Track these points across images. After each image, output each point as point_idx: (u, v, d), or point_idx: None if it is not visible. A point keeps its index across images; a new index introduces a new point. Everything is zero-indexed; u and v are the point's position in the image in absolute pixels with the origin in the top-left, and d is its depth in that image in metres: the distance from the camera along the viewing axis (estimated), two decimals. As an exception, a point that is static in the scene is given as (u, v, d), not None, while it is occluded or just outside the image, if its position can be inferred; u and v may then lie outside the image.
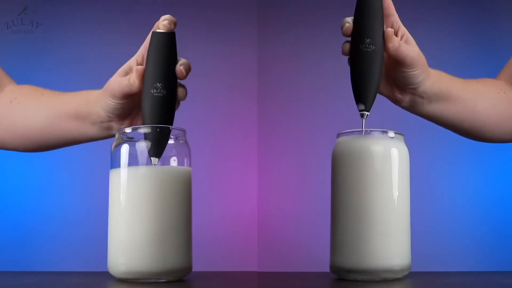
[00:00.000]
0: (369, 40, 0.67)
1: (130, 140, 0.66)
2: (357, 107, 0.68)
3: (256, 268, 1.24)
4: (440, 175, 1.29)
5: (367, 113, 0.68)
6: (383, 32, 0.68)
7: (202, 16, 1.30)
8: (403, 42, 0.68)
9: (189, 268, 0.66)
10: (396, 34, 0.69)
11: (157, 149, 0.65)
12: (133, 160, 0.64)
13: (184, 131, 0.68)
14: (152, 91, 0.66)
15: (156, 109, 0.66)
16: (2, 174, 1.26)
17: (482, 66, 1.27)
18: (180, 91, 0.68)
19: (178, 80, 0.68)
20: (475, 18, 1.31)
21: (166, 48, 0.67)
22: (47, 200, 1.26)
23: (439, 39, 1.29)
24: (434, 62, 0.74)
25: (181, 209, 0.65)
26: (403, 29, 0.69)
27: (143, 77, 0.66)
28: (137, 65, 0.69)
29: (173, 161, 0.66)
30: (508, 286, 0.65)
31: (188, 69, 0.67)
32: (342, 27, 0.69)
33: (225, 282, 0.72)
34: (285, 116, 1.31)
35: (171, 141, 0.67)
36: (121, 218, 0.63)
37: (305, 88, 1.32)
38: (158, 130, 0.65)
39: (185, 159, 0.67)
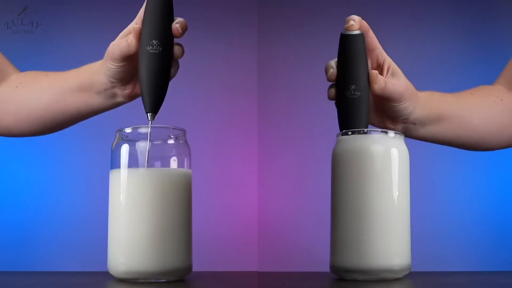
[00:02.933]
0: (354, 86, 0.68)
1: (130, 140, 0.66)
2: None
3: (256, 268, 1.24)
4: (440, 175, 1.29)
5: None
6: (368, 73, 0.68)
7: (202, 16, 1.30)
8: (389, 76, 0.68)
9: (189, 268, 0.66)
10: (382, 67, 0.69)
11: (154, 104, 0.66)
12: (133, 160, 0.64)
13: (184, 131, 0.68)
14: (148, 48, 0.66)
15: (152, 66, 0.66)
16: (2, 174, 1.26)
17: (482, 66, 1.27)
18: (176, 48, 0.68)
19: (175, 39, 0.68)
20: (475, 18, 1.31)
21: (162, 6, 0.67)
22: (47, 200, 1.26)
23: (439, 39, 1.29)
24: (434, 62, 0.74)
25: (181, 209, 0.65)
26: (388, 61, 0.69)
27: (140, 36, 0.67)
28: None
29: (173, 161, 0.66)
30: (508, 286, 0.65)
31: (184, 28, 0.67)
32: (326, 72, 0.70)
33: (225, 282, 0.72)
34: (285, 116, 1.31)
35: (171, 141, 0.67)
36: (121, 218, 0.63)
37: (305, 88, 1.32)
38: (153, 84, 0.65)
39: (185, 159, 0.67)
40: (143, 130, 0.65)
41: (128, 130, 0.66)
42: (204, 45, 1.29)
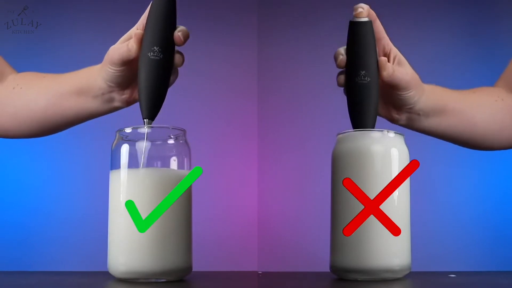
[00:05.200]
0: (364, 72, 0.68)
1: (130, 140, 0.66)
2: None
3: (256, 268, 1.24)
4: (440, 175, 1.29)
5: None
6: (377, 60, 0.68)
7: (202, 16, 1.30)
8: (396, 65, 0.69)
9: (189, 268, 0.66)
10: (388, 56, 0.70)
11: (151, 110, 0.66)
12: (133, 160, 0.64)
13: (184, 131, 0.68)
14: (149, 54, 0.66)
15: (152, 72, 0.66)
16: (2, 174, 1.26)
17: (482, 67, 1.27)
18: (177, 57, 0.68)
19: (176, 47, 0.68)
20: (475, 18, 1.31)
21: (165, 13, 0.67)
22: (47, 200, 1.26)
23: (439, 39, 1.29)
24: (434, 62, 0.74)
25: (181, 209, 0.65)
26: (394, 51, 0.70)
27: (141, 42, 0.67)
28: None
29: (173, 161, 0.66)
30: (508, 286, 0.65)
31: (186, 36, 0.67)
32: (335, 59, 0.70)
33: (225, 282, 0.72)
34: (285, 116, 1.31)
35: (171, 141, 0.67)
36: (121, 218, 0.63)
37: (305, 88, 1.32)
38: (152, 91, 0.65)
39: (185, 159, 0.67)
40: (143, 130, 0.65)
41: (128, 130, 0.66)
42: (204, 45, 1.29)
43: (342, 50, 0.70)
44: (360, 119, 0.69)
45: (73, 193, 1.26)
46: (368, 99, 0.68)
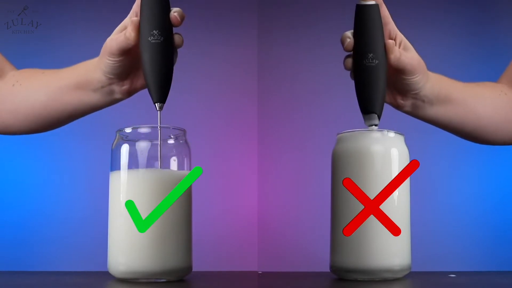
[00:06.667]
0: (372, 54, 0.68)
1: (130, 140, 0.66)
2: (365, 122, 0.68)
3: (256, 268, 1.24)
4: (440, 175, 1.28)
5: (376, 127, 0.68)
6: (384, 44, 0.68)
7: (202, 16, 1.30)
8: (402, 50, 0.69)
9: (189, 268, 0.66)
10: (394, 41, 0.70)
11: (161, 93, 0.66)
12: (133, 160, 0.64)
13: (184, 131, 0.68)
14: (149, 38, 0.66)
15: (155, 56, 0.66)
16: (2, 174, 1.26)
17: (482, 66, 1.27)
18: (176, 37, 0.68)
19: (174, 28, 0.68)
20: (475, 18, 1.31)
21: None
22: (47, 200, 1.26)
23: (439, 39, 1.29)
24: (434, 62, 0.74)
25: (181, 209, 0.65)
26: (400, 36, 0.70)
27: (138, 28, 0.67)
28: None
29: (173, 161, 0.66)
30: (508, 286, 0.65)
31: (182, 16, 0.67)
32: (343, 43, 0.69)
33: (225, 282, 0.72)
34: (285, 116, 1.31)
35: (171, 141, 0.67)
36: (121, 218, 0.63)
37: (305, 88, 1.32)
38: (159, 74, 0.66)
39: (185, 159, 0.67)
40: (143, 130, 0.65)
41: (128, 130, 0.66)
42: (204, 45, 1.29)
43: (349, 33, 0.69)
44: (369, 102, 0.68)
45: (73, 193, 1.26)
46: (377, 82, 0.68)
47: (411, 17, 1.29)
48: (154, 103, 0.66)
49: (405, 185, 0.66)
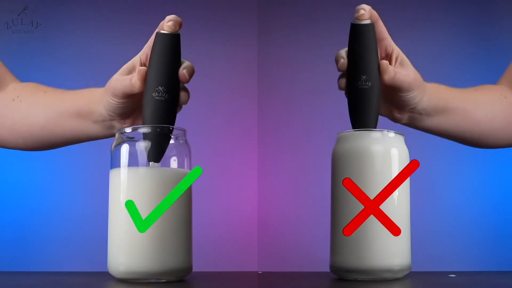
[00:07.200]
0: (365, 77, 0.67)
1: (130, 140, 0.66)
2: None
3: (256, 268, 1.24)
4: (440, 175, 1.29)
5: None
6: (378, 64, 0.68)
7: (202, 16, 1.30)
8: (398, 66, 0.68)
9: (189, 268, 0.66)
10: (390, 57, 0.69)
11: (157, 153, 0.64)
12: (133, 160, 0.64)
13: (184, 131, 0.68)
14: (153, 94, 0.65)
15: (157, 113, 0.65)
16: (2, 174, 1.26)
17: (482, 66, 1.27)
18: (182, 95, 0.67)
19: (181, 84, 0.67)
20: (475, 18, 1.31)
21: (170, 51, 0.65)
22: (47, 200, 1.26)
23: (439, 39, 1.29)
24: (434, 63, 0.75)
25: (181, 209, 0.65)
26: (397, 51, 0.69)
27: (145, 78, 0.65)
28: (141, 65, 0.68)
29: (173, 161, 0.66)
30: (508, 286, 0.65)
31: (191, 73, 0.66)
32: (337, 62, 0.69)
33: (225, 282, 0.72)
34: (285, 116, 1.31)
35: (171, 141, 0.67)
36: (121, 218, 0.63)
37: (305, 88, 1.32)
38: (157, 133, 0.64)
39: (185, 159, 0.67)
40: (143, 130, 0.65)
41: (128, 130, 0.66)
42: (204, 44, 1.29)
43: (343, 53, 0.69)
44: (361, 123, 0.68)
45: (73, 193, 1.26)
46: (369, 104, 0.68)
47: (411, 17, 1.29)
48: (148, 161, 0.64)
49: (405, 185, 0.66)
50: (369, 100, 0.68)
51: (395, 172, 0.65)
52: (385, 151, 0.66)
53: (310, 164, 1.29)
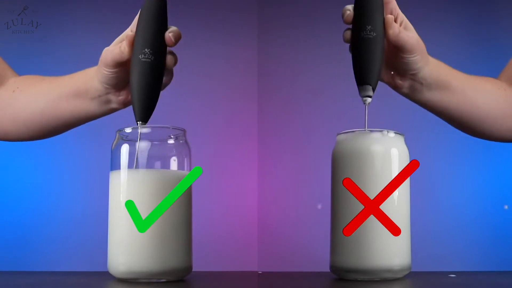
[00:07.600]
0: (370, 27, 0.67)
1: (130, 140, 0.66)
2: (360, 93, 0.68)
3: (256, 268, 1.24)
4: (440, 175, 1.29)
5: (369, 99, 0.68)
6: (383, 19, 0.68)
7: (202, 16, 1.30)
8: (402, 28, 0.69)
9: (189, 268, 0.66)
10: (395, 21, 0.70)
11: (144, 110, 0.65)
12: (133, 160, 0.64)
13: (184, 131, 0.68)
14: (140, 56, 0.66)
15: (143, 75, 0.66)
16: (2, 174, 1.26)
17: (482, 66, 1.27)
18: (169, 58, 0.68)
19: (168, 48, 0.68)
20: (475, 18, 1.31)
21: (155, 15, 0.67)
22: (47, 200, 1.26)
23: (439, 39, 1.29)
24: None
25: (181, 209, 0.65)
26: (401, 16, 0.70)
27: (133, 44, 0.67)
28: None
29: (173, 161, 0.66)
30: (508, 286, 0.65)
31: (177, 37, 0.67)
32: (343, 15, 0.69)
33: (225, 282, 0.72)
34: (285, 116, 1.31)
35: (171, 141, 0.67)
36: (121, 218, 0.63)
37: (305, 88, 1.32)
38: (143, 88, 0.65)
39: (185, 159, 0.67)
40: (143, 130, 0.65)
41: (128, 130, 0.66)
42: (204, 44, 1.29)
43: (349, 6, 0.69)
44: (364, 74, 0.67)
45: (73, 193, 1.26)
46: (373, 54, 0.67)
47: (411, 17, 1.29)
48: (136, 122, 0.66)
49: (405, 185, 0.66)
50: (373, 50, 0.67)
51: (395, 172, 0.65)
52: (385, 151, 0.66)
53: (310, 164, 1.29)
